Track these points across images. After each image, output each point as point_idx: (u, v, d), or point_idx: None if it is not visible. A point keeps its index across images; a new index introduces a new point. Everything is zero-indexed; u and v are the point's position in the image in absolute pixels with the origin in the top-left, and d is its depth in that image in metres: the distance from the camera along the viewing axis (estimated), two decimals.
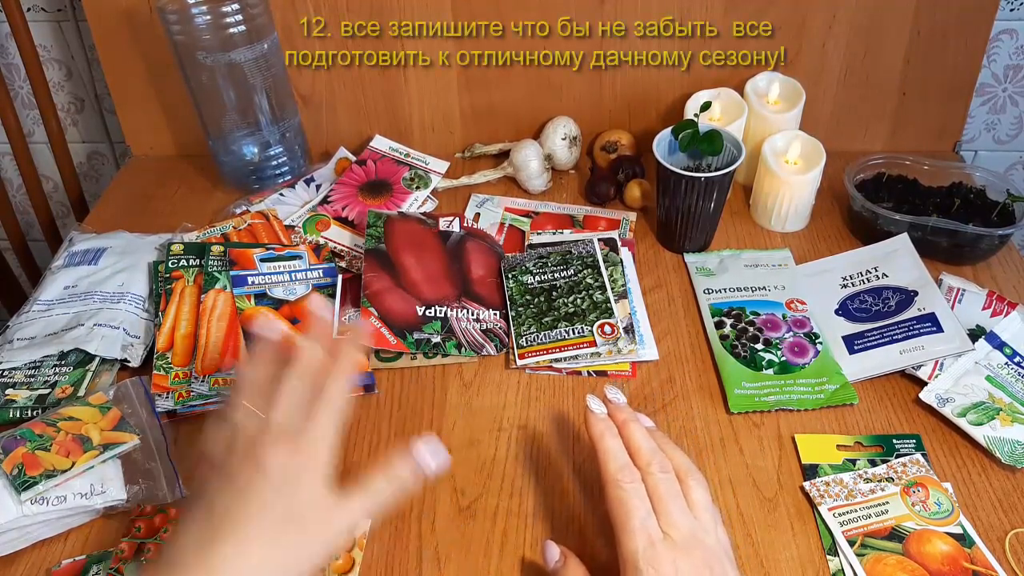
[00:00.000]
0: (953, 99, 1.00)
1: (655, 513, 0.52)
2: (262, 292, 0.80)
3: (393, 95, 1.01)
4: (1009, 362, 0.72)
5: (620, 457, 0.56)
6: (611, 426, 0.57)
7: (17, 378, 0.73)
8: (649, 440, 0.56)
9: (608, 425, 0.57)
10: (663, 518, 0.52)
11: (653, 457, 0.55)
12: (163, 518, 0.63)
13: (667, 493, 0.53)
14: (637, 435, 0.57)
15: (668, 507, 0.53)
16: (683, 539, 0.51)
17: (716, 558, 0.52)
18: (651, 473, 0.54)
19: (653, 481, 0.54)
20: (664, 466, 0.55)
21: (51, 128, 1.10)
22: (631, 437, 0.57)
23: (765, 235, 0.92)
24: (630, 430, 0.57)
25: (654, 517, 0.52)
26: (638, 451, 0.56)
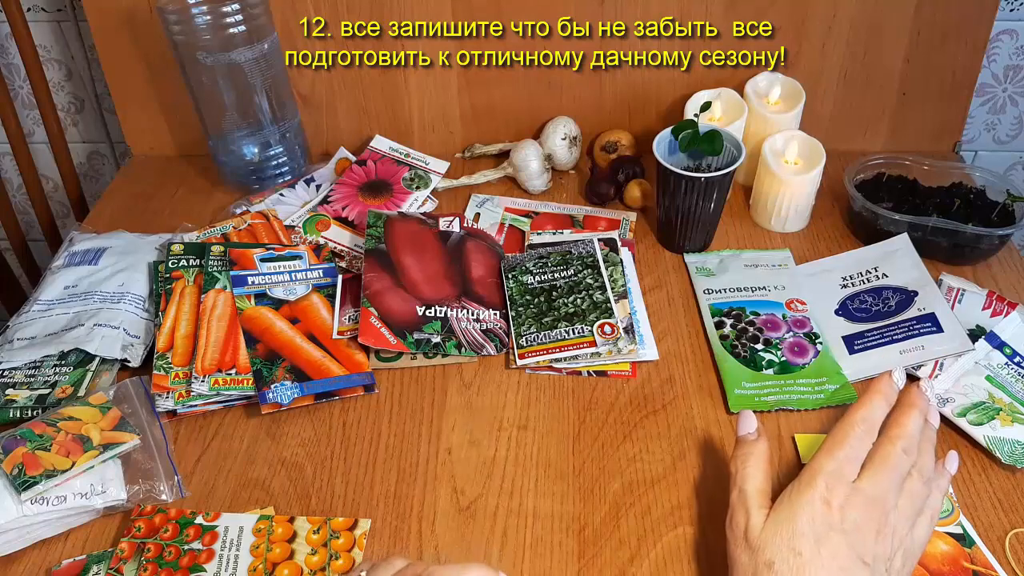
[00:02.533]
0: (953, 99, 1.00)
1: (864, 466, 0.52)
2: (262, 292, 0.80)
3: (393, 95, 1.01)
4: (1009, 362, 0.72)
5: (873, 413, 0.55)
6: (892, 395, 0.56)
7: (17, 378, 0.73)
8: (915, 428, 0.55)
9: (891, 394, 0.56)
10: (867, 471, 0.52)
11: (905, 437, 0.54)
12: (163, 518, 0.63)
13: (889, 461, 0.53)
14: (911, 419, 0.55)
15: (879, 468, 0.52)
16: (869, 493, 0.51)
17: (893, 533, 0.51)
18: (891, 444, 0.53)
19: (887, 448, 0.53)
20: (908, 449, 0.54)
21: (51, 128, 1.10)
22: (904, 417, 0.55)
23: (765, 235, 0.92)
24: (910, 413, 0.55)
25: (857, 468, 0.52)
26: (898, 424, 0.54)
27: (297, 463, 0.69)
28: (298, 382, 0.72)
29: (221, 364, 0.73)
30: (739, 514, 0.54)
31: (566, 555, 0.61)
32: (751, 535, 0.52)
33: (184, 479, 0.67)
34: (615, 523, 0.63)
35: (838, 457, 0.53)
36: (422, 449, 0.69)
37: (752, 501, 0.54)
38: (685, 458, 0.68)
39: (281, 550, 0.61)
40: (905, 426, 0.55)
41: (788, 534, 0.51)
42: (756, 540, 0.52)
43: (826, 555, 0.50)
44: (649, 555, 0.61)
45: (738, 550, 0.53)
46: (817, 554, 0.50)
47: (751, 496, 0.54)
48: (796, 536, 0.50)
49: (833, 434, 0.54)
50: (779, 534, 0.51)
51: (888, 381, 0.57)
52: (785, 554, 0.50)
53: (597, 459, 0.68)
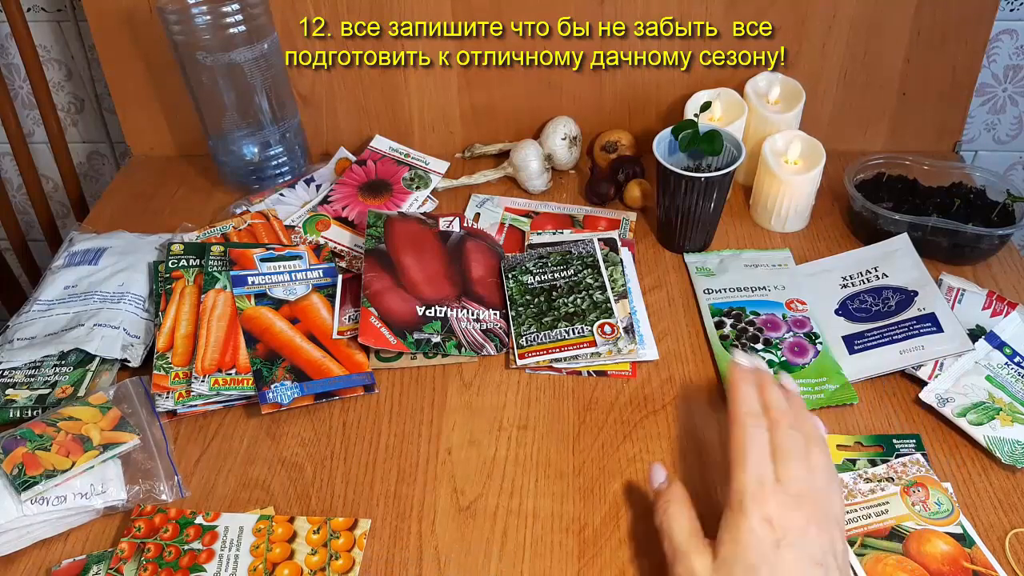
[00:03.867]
0: (953, 99, 1.00)
1: (774, 462, 0.53)
2: (262, 292, 0.80)
3: (393, 95, 1.01)
4: (1009, 362, 0.72)
5: (752, 403, 0.56)
6: (752, 378, 0.57)
7: (17, 378, 0.73)
8: (784, 401, 0.56)
9: (750, 376, 0.57)
10: (780, 467, 0.52)
11: (784, 415, 0.55)
12: (163, 518, 0.63)
13: (790, 448, 0.53)
14: (775, 394, 0.56)
15: (788, 460, 0.53)
16: (795, 491, 0.52)
17: (824, 519, 0.52)
18: (779, 427, 0.54)
19: (780, 435, 0.54)
20: (794, 424, 0.55)
21: (51, 128, 1.10)
22: (769, 394, 0.56)
23: (765, 235, 0.92)
24: (770, 389, 0.57)
25: (771, 464, 0.52)
26: (771, 407, 0.56)
27: (297, 463, 0.69)
28: (298, 382, 0.72)
29: (221, 364, 0.73)
30: (679, 563, 0.53)
31: (566, 555, 0.61)
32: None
33: (184, 479, 0.67)
34: (615, 523, 0.63)
35: (751, 466, 0.53)
36: (422, 449, 0.69)
37: (689, 547, 0.53)
38: (685, 458, 0.68)
39: (281, 550, 0.61)
40: (777, 404, 0.56)
41: (743, 569, 0.50)
42: None
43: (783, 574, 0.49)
44: (649, 555, 0.61)
45: None
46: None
47: (686, 542, 0.54)
48: (750, 570, 0.50)
49: (733, 444, 0.54)
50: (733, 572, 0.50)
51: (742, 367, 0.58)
52: None
53: (597, 459, 0.68)
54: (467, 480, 0.67)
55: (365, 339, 0.75)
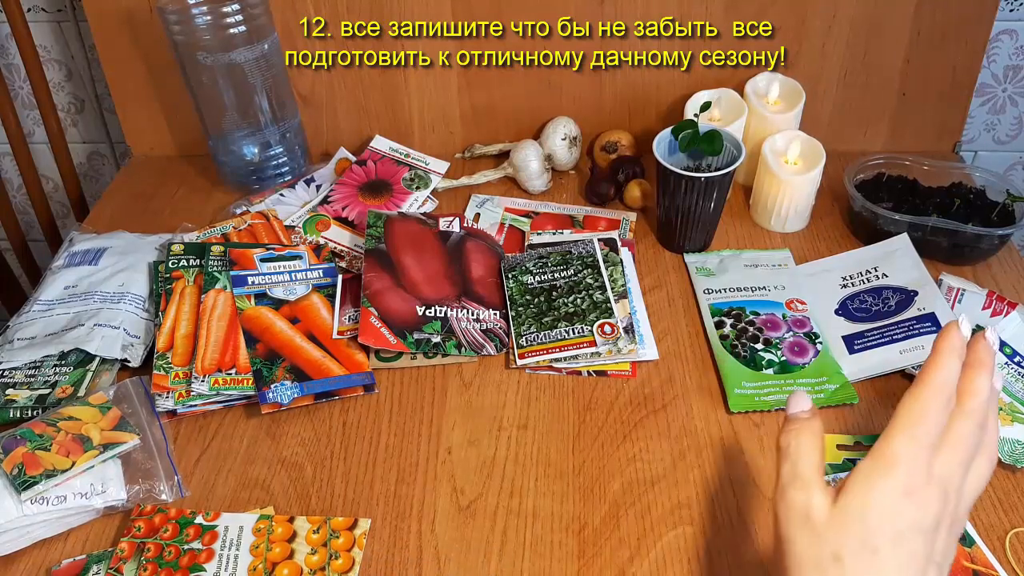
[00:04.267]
0: (953, 99, 1.00)
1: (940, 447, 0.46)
2: (262, 292, 0.80)
3: (393, 95, 1.01)
4: (1009, 362, 0.72)
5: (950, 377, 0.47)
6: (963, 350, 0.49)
7: (17, 378, 0.73)
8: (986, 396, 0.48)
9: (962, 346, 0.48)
10: (941, 456, 0.46)
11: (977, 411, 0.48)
12: (163, 518, 0.63)
13: (964, 443, 0.47)
14: (983, 383, 0.48)
15: (952, 454, 0.46)
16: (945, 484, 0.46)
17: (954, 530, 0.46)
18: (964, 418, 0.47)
19: (960, 424, 0.47)
20: (983, 424, 0.48)
21: (51, 128, 1.10)
22: (977, 380, 0.48)
23: (765, 235, 0.92)
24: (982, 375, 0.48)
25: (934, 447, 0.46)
26: (972, 394, 0.48)
27: (297, 463, 0.69)
28: (298, 382, 0.72)
29: (221, 364, 0.73)
30: (796, 491, 0.47)
31: (566, 555, 0.61)
32: (814, 518, 0.46)
33: (184, 479, 0.67)
34: (615, 523, 0.63)
35: (919, 438, 0.46)
36: (422, 449, 0.69)
37: (811, 478, 0.47)
38: (685, 458, 0.68)
39: (281, 550, 0.61)
40: (979, 395, 0.48)
41: (862, 527, 0.45)
42: (821, 526, 0.45)
43: (903, 556, 0.44)
44: (649, 555, 0.61)
45: (794, 531, 0.46)
46: (894, 554, 0.44)
47: (808, 472, 0.48)
48: (872, 531, 0.44)
49: (910, 406, 0.47)
50: (851, 525, 0.45)
51: (957, 333, 0.48)
52: (857, 549, 0.44)
53: (597, 459, 0.68)
54: (467, 480, 0.67)
55: (365, 339, 0.75)
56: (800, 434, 0.49)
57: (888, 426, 0.47)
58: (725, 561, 0.61)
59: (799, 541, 0.46)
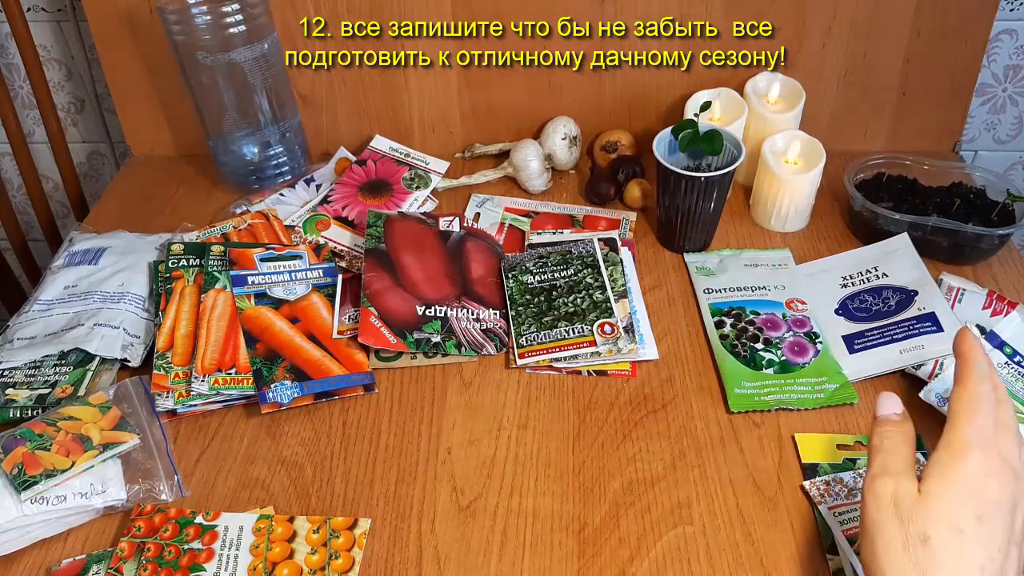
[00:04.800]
0: (953, 99, 1.00)
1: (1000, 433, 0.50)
2: (262, 292, 0.80)
3: (393, 95, 1.01)
4: (1009, 362, 0.72)
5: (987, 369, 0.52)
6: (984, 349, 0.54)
7: (17, 378, 0.73)
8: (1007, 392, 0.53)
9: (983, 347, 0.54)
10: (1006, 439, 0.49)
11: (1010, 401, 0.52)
12: (163, 518, 0.63)
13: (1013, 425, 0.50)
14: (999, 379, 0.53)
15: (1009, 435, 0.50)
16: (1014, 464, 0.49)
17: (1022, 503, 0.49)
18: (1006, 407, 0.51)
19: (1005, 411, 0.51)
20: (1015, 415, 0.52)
21: (51, 128, 1.10)
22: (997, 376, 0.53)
23: (765, 235, 0.92)
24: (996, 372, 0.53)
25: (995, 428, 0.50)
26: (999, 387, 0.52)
27: (297, 463, 0.69)
28: (298, 382, 0.72)
29: (221, 364, 0.73)
30: (884, 480, 0.50)
31: (566, 554, 0.61)
32: (902, 503, 0.48)
33: (184, 479, 0.67)
34: (615, 522, 0.63)
35: (981, 423, 0.49)
36: (422, 449, 0.69)
37: (903, 467, 0.50)
38: (685, 458, 0.68)
39: (281, 549, 0.61)
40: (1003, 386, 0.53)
41: (947, 508, 0.47)
42: (908, 510, 0.48)
43: (987, 534, 0.46)
44: (649, 554, 0.61)
45: (883, 516, 0.49)
46: (979, 533, 0.46)
47: (899, 464, 0.51)
48: (956, 511, 0.47)
49: (965, 394, 0.51)
50: (936, 507, 0.47)
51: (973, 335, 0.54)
52: (944, 530, 0.47)
53: (597, 458, 0.68)
54: (467, 480, 0.67)
55: (365, 339, 0.75)
56: (894, 434, 0.52)
57: (949, 418, 0.50)
58: (725, 561, 0.61)
59: (887, 525, 0.48)
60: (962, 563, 0.46)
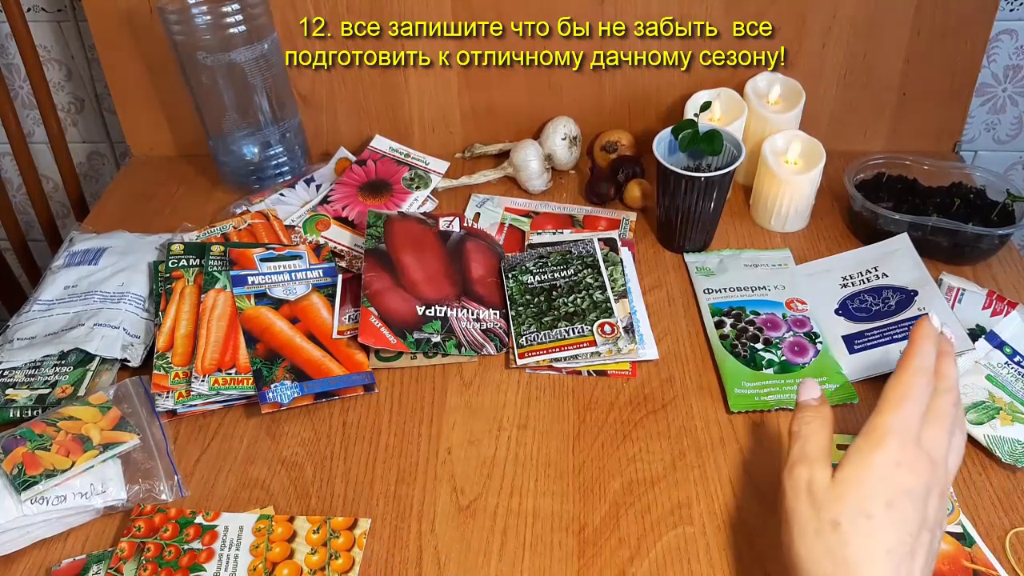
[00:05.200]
0: (953, 99, 1.00)
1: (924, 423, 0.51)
2: (262, 292, 0.80)
3: (393, 95, 1.01)
4: (1009, 361, 0.72)
5: (929, 361, 0.54)
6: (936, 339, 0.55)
7: (17, 378, 0.73)
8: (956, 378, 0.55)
9: (936, 338, 0.55)
10: (928, 429, 0.51)
11: (952, 390, 0.53)
12: (163, 518, 0.63)
13: (946, 417, 0.52)
14: (951, 368, 0.54)
15: (937, 426, 0.51)
16: (933, 455, 0.50)
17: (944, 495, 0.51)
18: (943, 396, 0.53)
19: (940, 402, 0.52)
20: (957, 402, 0.53)
21: (51, 128, 1.10)
22: (947, 366, 0.54)
23: (765, 235, 0.92)
24: (948, 361, 0.55)
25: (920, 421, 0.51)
26: (945, 376, 0.54)
27: (297, 463, 0.69)
28: (298, 382, 0.72)
29: (221, 364, 0.73)
30: (801, 467, 0.52)
31: (566, 555, 0.61)
32: (815, 490, 0.50)
33: (184, 479, 0.67)
34: (615, 523, 0.63)
35: (904, 413, 0.51)
36: (422, 449, 0.69)
37: (816, 456, 0.52)
38: (685, 458, 0.68)
39: (281, 550, 0.61)
40: (951, 376, 0.54)
41: (857, 495, 0.49)
42: (821, 496, 0.50)
43: (896, 519, 0.48)
44: (649, 555, 0.61)
45: (798, 503, 0.51)
46: (887, 518, 0.48)
47: (814, 451, 0.53)
48: (866, 498, 0.49)
49: (896, 385, 0.52)
50: (847, 494, 0.49)
51: (931, 325, 0.56)
52: (853, 515, 0.48)
53: (597, 459, 0.68)
54: (467, 480, 0.67)
55: (365, 339, 0.75)
56: (812, 420, 0.55)
57: (877, 406, 0.52)
58: (725, 561, 0.61)
59: (802, 512, 0.51)
60: (870, 547, 0.48)
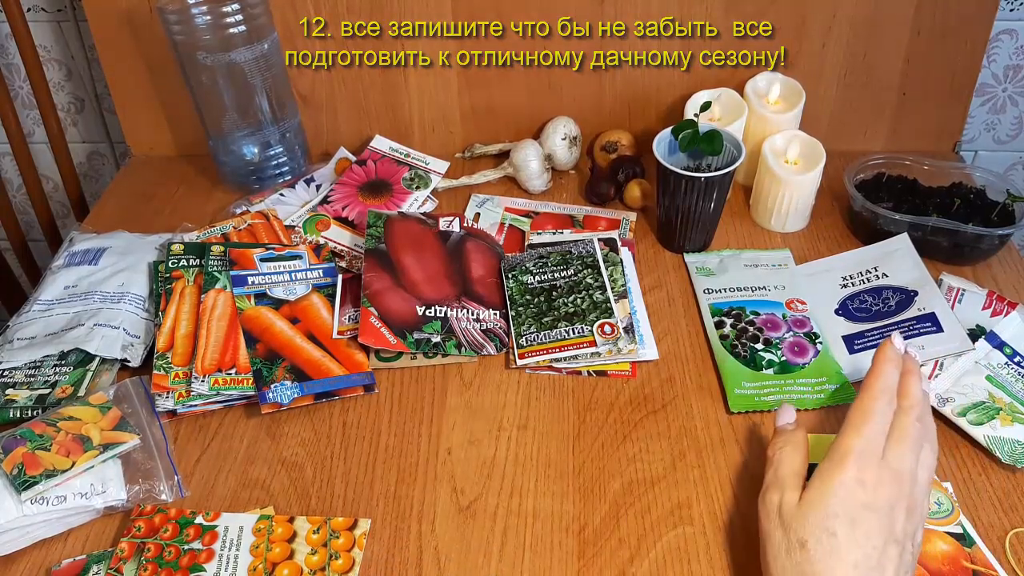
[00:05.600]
0: (953, 99, 1.00)
1: (887, 442, 0.54)
2: (262, 292, 0.80)
3: (393, 95, 1.01)
4: (1009, 362, 0.72)
5: (890, 382, 0.56)
6: (900, 362, 0.58)
7: (17, 378, 0.73)
8: (921, 394, 0.57)
9: (898, 360, 0.58)
10: (891, 447, 0.53)
11: (916, 406, 0.55)
12: (163, 518, 0.63)
13: (908, 434, 0.54)
14: (915, 385, 0.57)
15: (901, 443, 0.54)
16: (897, 470, 0.53)
17: (913, 510, 0.53)
18: (907, 414, 0.55)
19: (904, 420, 0.55)
20: (923, 418, 0.55)
21: (51, 128, 1.10)
22: (910, 382, 0.57)
23: (765, 235, 0.92)
24: (913, 378, 0.57)
25: (883, 440, 0.54)
26: (908, 394, 0.56)
27: (297, 463, 0.69)
28: (298, 382, 0.72)
29: (221, 364, 0.73)
30: (773, 492, 0.55)
31: (566, 555, 0.61)
32: (784, 512, 0.53)
33: (184, 479, 0.67)
34: (615, 523, 0.63)
35: (866, 434, 0.53)
36: (422, 449, 0.69)
37: (787, 481, 0.55)
38: (685, 458, 0.68)
39: (281, 550, 0.61)
40: (915, 394, 0.56)
41: (822, 514, 0.52)
42: (789, 518, 0.53)
43: (860, 535, 0.50)
44: (649, 555, 0.61)
45: (771, 525, 0.54)
46: (851, 534, 0.51)
47: (786, 476, 0.56)
48: (830, 516, 0.51)
49: (857, 408, 0.55)
50: (812, 514, 0.52)
51: (893, 347, 0.58)
52: (819, 534, 0.51)
53: (597, 459, 0.68)
54: (467, 480, 0.67)
55: (365, 339, 0.75)
56: (784, 445, 0.58)
57: (840, 429, 0.55)
58: (725, 561, 0.61)
59: (774, 533, 0.54)
60: (836, 563, 0.50)
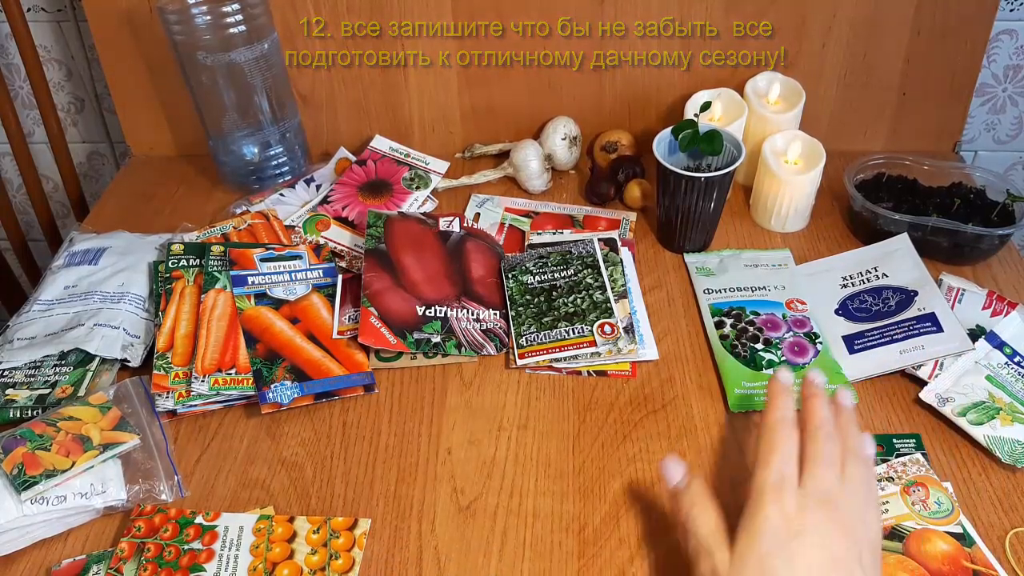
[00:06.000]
0: (953, 99, 1.00)
1: (801, 468, 0.52)
2: (262, 292, 0.80)
3: (393, 95, 1.01)
4: (1009, 362, 0.72)
5: (785, 412, 0.56)
6: (791, 392, 0.58)
7: (17, 378, 0.73)
8: (826, 413, 0.56)
9: (787, 388, 0.58)
10: (807, 472, 0.52)
11: (823, 426, 0.55)
12: (163, 518, 0.63)
13: (822, 455, 0.53)
14: (818, 406, 0.56)
15: (816, 466, 0.52)
16: (820, 495, 0.51)
17: (852, 529, 0.51)
18: (815, 437, 0.54)
19: (813, 443, 0.54)
20: (832, 435, 0.54)
21: (51, 128, 1.10)
22: (812, 405, 0.56)
23: (765, 235, 0.92)
24: (814, 401, 0.57)
25: (796, 468, 0.52)
26: (811, 417, 0.55)
27: (297, 463, 0.69)
28: (298, 382, 0.72)
29: (221, 364, 0.73)
30: (703, 559, 0.52)
31: (566, 555, 0.61)
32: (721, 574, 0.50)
33: (184, 479, 0.67)
34: (615, 523, 0.63)
35: (774, 465, 0.52)
36: (422, 449, 0.69)
37: (710, 542, 0.52)
38: (685, 458, 0.68)
39: (281, 550, 0.61)
40: (819, 415, 0.55)
41: (756, 561, 0.49)
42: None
43: (800, 566, 0.49)
44: (649, 555, 0.61)
45: None
46: (791, 568, 0.49)
47: (707, 538, 0.53)
48: (765, 558, 0.49)
49: (761, 446, 0.54)
50: (748, 565, 0.50)
51: (779, 381, 0.59)
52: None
53: (597, 459, 0.68)
54: (467, 480, 0.67)
55: (365, 339, 0.75)
56: (691, 507, 0.55)
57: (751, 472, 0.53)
58: None
59: None
60: None
